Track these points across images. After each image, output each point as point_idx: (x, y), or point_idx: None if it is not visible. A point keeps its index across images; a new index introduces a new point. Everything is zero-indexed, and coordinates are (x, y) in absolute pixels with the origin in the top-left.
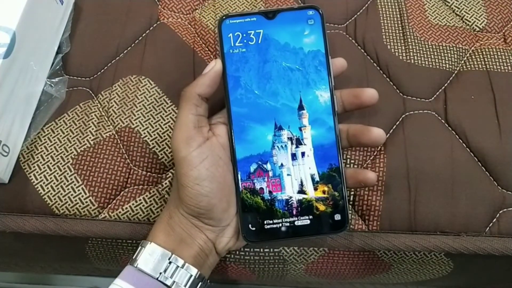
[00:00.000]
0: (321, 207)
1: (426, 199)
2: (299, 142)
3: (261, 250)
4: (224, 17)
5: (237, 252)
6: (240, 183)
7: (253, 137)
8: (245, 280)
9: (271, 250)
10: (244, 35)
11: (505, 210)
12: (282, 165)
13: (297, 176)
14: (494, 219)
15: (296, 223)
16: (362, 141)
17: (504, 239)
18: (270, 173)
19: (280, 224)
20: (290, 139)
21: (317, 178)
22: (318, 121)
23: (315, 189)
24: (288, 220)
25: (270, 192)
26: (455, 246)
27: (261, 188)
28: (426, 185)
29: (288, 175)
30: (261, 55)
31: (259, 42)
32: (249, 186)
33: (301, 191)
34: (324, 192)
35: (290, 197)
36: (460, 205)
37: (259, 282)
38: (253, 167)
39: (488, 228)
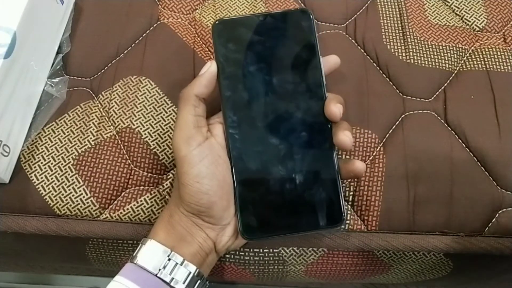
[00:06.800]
0: (317, 202)
1: (425, 199)
2: (294, 139)
3: (261, 250)
4: (217, 21)
5: (237, 253)
6: (236, 180)
7: (248, 135)
8: (245, 282)
9: (271, 250)
10: (238, 38)
11: (504, 210)
12: (278, 161)
13: (293, 172)
14: (493, 219)
15: (293, 219)
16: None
17: (503, 239)
18: (267, 171)
19: (277, 221)
20: (286, 136)
21: (312, 174)
22: (312, 119)
23: (311, 184)
24: (285, 216)
25: (266, 189)
26: (454, 246)
27: (258, 186)
28: (425, 185)
29: (284, 171)
30: (254, 57)
31: (252, 44)
32: (246, 183)
33: (297, 187)
34: (319, 187)
35: (287, 193)
36: (459, 205)
37: (259, 283)
38: (249, 165)
39: (487, 228)
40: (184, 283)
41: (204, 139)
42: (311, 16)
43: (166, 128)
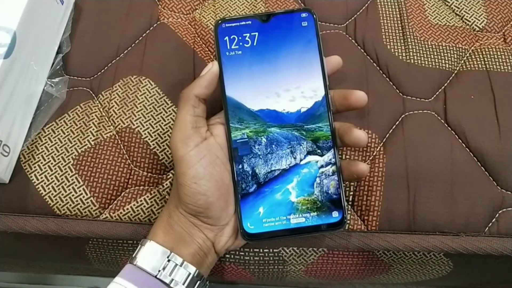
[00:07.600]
0: (319, 204)
1: (425, 199)
2: (295, 139)
3: (261, 250)
4: (220, 21)
5: (237, 253)
6: (237, 181)
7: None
8: (245, 281)
9: (271, 250)
10: (240, 38)
11: (504, 210)
12: (279, 162)
13: (294, 173)
14: (493, 219)
15: (294, 220)
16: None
17: (503, 239)
18: (268, 171)
19: (279, 222)
20: (287, 137)
21: (314, 175)
22: (314, 119)
23: (313, 186)
24: (286, 217)
25: (268, 189)
26: (454, 246)
27: (259, 186)
28: (426, 185)
29: (285, 172)
30: (256, 57)
31: (255, 44)
32: (247, 184)
33: (299, 188)
34: (321, 189)
35: (288, 195)
36: (459, 205)
37: (259, 283)
38: (250, 166)
39: (487, 228)
40: (184, 284)
41: (202, 139)
42: (314, 16)
43: (166, 128)
